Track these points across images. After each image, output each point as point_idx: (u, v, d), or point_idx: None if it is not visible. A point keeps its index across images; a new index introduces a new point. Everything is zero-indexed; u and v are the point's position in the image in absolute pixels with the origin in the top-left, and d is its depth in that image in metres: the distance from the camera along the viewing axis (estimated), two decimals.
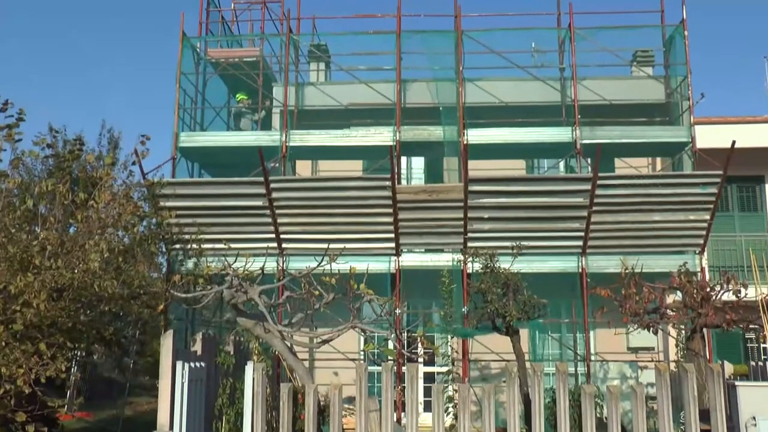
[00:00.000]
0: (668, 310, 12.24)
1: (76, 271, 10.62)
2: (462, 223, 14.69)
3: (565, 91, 16.90)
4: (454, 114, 16.03)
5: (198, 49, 17.61)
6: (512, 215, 14.73)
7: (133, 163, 13.49)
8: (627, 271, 12.39)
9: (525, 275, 12.78)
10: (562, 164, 17.87)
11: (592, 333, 16.38)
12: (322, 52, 18.56)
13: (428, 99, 16.90)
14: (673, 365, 13.35)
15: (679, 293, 12.70)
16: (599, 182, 14.28)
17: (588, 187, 14.33)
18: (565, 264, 15.11)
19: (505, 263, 12.95)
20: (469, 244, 14.63)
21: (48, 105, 50.42)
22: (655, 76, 17.45)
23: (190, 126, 17.22)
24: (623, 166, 17.68)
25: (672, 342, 15.11)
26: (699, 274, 14.58)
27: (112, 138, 17.93)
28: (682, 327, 13.13)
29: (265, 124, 17.83)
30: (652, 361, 15.13)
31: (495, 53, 16.47)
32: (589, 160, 15.46)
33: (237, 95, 18.14)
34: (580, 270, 14.98)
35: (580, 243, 14.93)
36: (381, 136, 16.01)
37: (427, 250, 15.62)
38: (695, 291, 12.08)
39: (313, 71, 19.20)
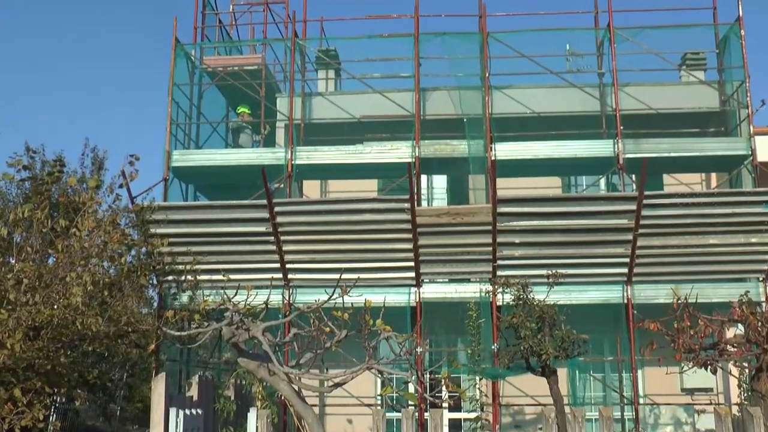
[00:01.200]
0: (728, 346, 12.05)
1: (55, 306, 10.64)
2: (490, 249, 14.63)
3: (605, 99, 16.85)
4: (480, 126, 16.01)
5: (192, 57, 17.75)
6: (547, 240, 14.65)
7: (120, 186, 13.56)
8: (679, 301, 12.24)
9: (562, 307, 12.68)
10: (602, 182, 17.78)
11: (640, 372, 16.18)
12: (331, 58, 18.65)
13: (451, 109, 16.91)
14: (735, 409, 13.13)
15: (740, 326, 12.51)
16: (646, 201, 14.18)
17: (633, 207, 14.24)
18: (608, 294, 14.99)
19: (539, 294, 12.86)
20: (499, 273, 14.57)
21: (28, 121, 50.98)
22: (707, 81, 17.38)
23: (184, 143, 17.31)
24: (673, 182, 17.57)
25: (733, 382, 14.88)
26: (763, 304, 14.39)
27: (96, 158, 18.01)
28: (746, 365, 12.92)
29: (268, 141, 17.88)
30: (711, 404, 14.90)
31: (525, 57, 16.46)
32: (633, 177, 15.37)
33: (237, 108, 18.24)
34: (626, 301, 14.85)
35: (625, 270, 14.81)
36: (398, 151, 16.01)
37: (452, 280, 15.56)
38: (759, 323, 11.90)
39: (321, 80, 19.29)
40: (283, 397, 11.74)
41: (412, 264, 14.91)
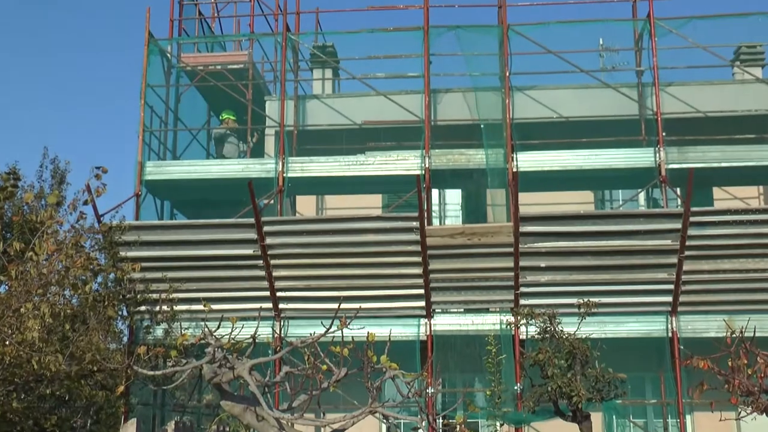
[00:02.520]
0: None
1: (7, 343, 10.58)
2: (512, 274, 14.60)
3: (644, 100, 16.83)
4: (500, 133, 16.00)
5: (169, 55, 17.80)
6: (578, 263, 14.61)
7: (85, 203, 13.53)
8: (734, 335, 12.13)
9: (596, 342, 12.57)
10: (642, 196, 17.74)
11: (688, 418, 16.05)
12: (328, 55, 18.68)
13: (466, 114, 16.92)
14: None
15: None
16: (692, 219, 14.12)
17: (678, 225, 14.18)
18: (650, 326, 14.93)
19: (569, 326, 12.76)
20: (522, 302, 14.53)
21: None
22: (765, 79, 17.35)
23: (159, 153, 17.33)
24: (725, 197, 17.48)
25: None
26: None
27: (57, 170, 17.99)
28: None
29: (257, 150, 17.90)
30: None
31: (551, 53, 16.46)
32: (678, 191, 15.30)
33: (221, 114, 18.26)
34: (670, 334, 14.78)
35: (669, 298, 14.74)
36: (405, 162, 15.99)
37: (467, 311, 15.52)
38: None
39: (317, 80, 19.32)
40: None
41: (421, 292, 14.87)
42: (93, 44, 56.75)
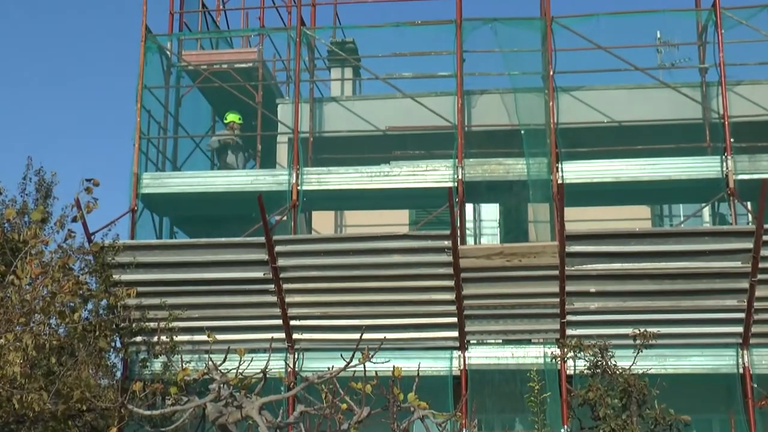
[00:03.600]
0: None
1: None
2: (557, 300, 14.50)
3: (708, 102, 16.73)
4: (543, 139, 15.95)
5: (168, 52, 17.87)
6: (633, 288, 14.51)
7: (74, 220, 13.55)
8: None
9: (655, 378, 12.47)
10: (707, 211, 17.62)
11: None
12: (348, 52, 18.70)
13: (504, 118, 16.89)
14: None
15: None
16: (766, 238, 13.97)
17: (749, 244, 14.05)
18: (717, 361, 14.78)
19: (624, 360, 12.68)
20: (569, 332, 14.44)
21: None
22: None
23: (158, 163, 17.38)
24: None
25: None
26: None
27: (42, 183, 18.01)
28: None
29: (267, 160, 17.90)
30: None
31: (601, 49, 16.40)
32: (748, 205, 15.15)
33: (226, 115, 18.27)
34: (741, 370, 14.60)
35: (740, 329, 14.59)
36: (436, 173, 15.95)
37: (507, 342, 15.44)
38: None
39: (335, 81, 19.34)
40: None
41: (454, 320, 14.79)
42: (82, 40, 56.98)
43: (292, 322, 15.07)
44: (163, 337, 14.34)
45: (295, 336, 15.16)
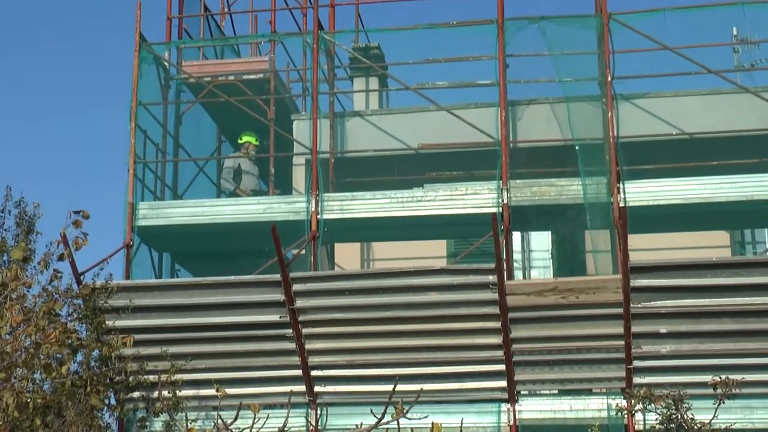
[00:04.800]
0: None
1: None
2: (622, 343, 14.34)
3: None
4: (601, 156, 15.92)
5: (166, 63, 17.94)
6: (711, 328, 14.33)
7: (60, 258, 13.55)
8: None
9: None
10: None
11: None
12: (373, 59, 18.68)
13: (555, 132, 16.88)
14: None
15: None
16: None
17: None
18: None
19: (702, 413, 12.56)
20: (636, 380, 14.31)
21: None
22: None
23: (156, 191, 17.44)
24: None
25: None
26: None
27: (23, 216, 18.02)
28: None
29: (282, 184, 17.90)
30: None
31: (668, 50, 16.33)
32: None
33: (241, 137, 18.25)
34: None
35: None
36: (477, 197, 15.92)
37: (563, 392, 15.29)
38: None
39: (359, 93, 19.33)
40: None
41: (502, 368, 14.68)
42: (68, 49, 57.31)
43: (314, 372, 15.00)
44: (165, 392, 14.28)
45: (317, 388, 15.09)
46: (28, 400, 11.53)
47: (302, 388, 14.95)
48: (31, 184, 52.19)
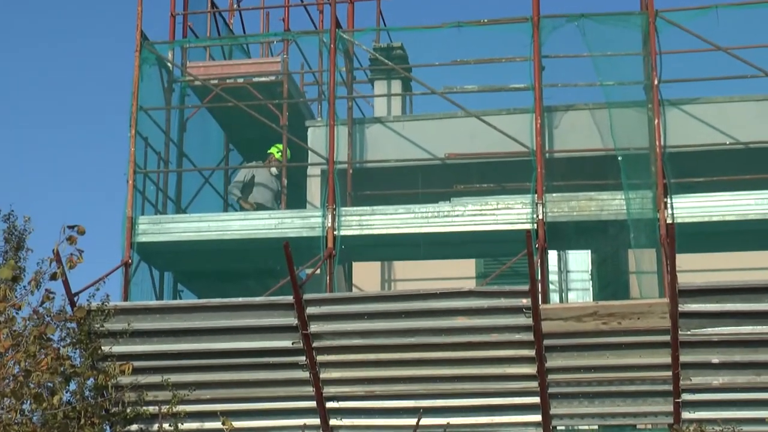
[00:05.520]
0: None
1: None
2: (669, 374, 14.29)
3: None
4: (646, 167, 15.90)
5: (169, 64, 17.99)
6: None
7: (53, 277, 13.57)
8: None
9: None
10: None
11: None
12: (396, 60, 18.72)
13: (595, 141, 16.89)
14: None
15: None
16: None
17: None
18: None
19: None
20: (686, 415, 14.26)
21: None
22: None
23: (157, 204, 17.49)
24: None
25: None
26: None
27: (12, 231, 18.05)
28: None
29: (295, 197, 17.90)
30: None
31: (721, 51, 16.29)
32: None
33: (272, 148, 18.25)
34: None
35: None
36: (509, 212, 15.92)
37: (604, 428, 15.33)
38: None
39: (379, 98, 19.33)
40: None
41: (536, 400, 14.64)
42: (62, 49, 57.51)
43: (329, 404, 14.98)
44: (166, 425, 14.29)
45: (333, 422, 15.05)
46: None
47: (316, 421, 14.94)
48: (21, 196, 52.17)
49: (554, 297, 17.99)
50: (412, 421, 10.72)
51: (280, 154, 18.08)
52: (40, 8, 54.54)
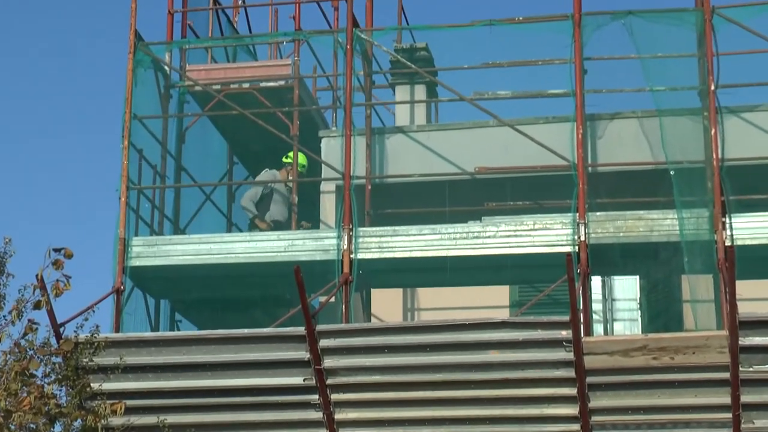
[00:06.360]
0: None
1: None
2: (729, 416, 14.27)
3: None
4: (702, 183, 15.90)
5: (167, 67, 18.02)
6: None
7: (37, 306, 13.61)
8: None
9: None
10: None
11: None
12: (420, 63, 18.73)
13: (643, 153, 16.93)
14: None
15: None
16: None
17: None
18: None
19: None
20: None
21: None
22: None
23: (153, 224, 17.53)
24: None
25: None
26: None
27: None
28: None
29: (307, 216, 17.92)
30: None
31: None
32: None
33: (286, 157, 18.24)
34: None
35: None
36: (547, 233, 15.91)
37: None
38: None
39: (401, 105, 19.34)
40: None
41: None
42: (44, 48, 57.69)
43: None
44: None
45: None
46: None
47: None
48: (0, 215, 52.38)
49: (598, 328, 17.98)
50: None
51: (301, 163, 18.00)
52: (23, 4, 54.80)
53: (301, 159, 18.01)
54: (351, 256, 15.97)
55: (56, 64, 54.44)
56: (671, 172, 16.06)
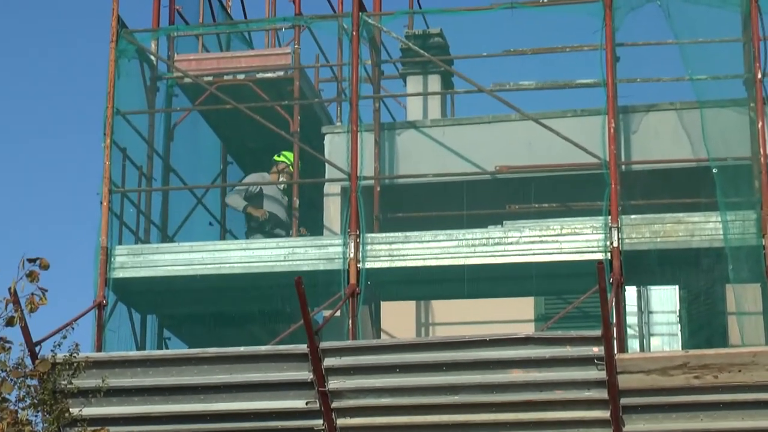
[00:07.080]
0: None
1: None
2: None
3: None
4: (748, 182, 15.88)
5: (154, 57, 18.01)
6: None
7: (10, 323, 13.60)
8: None
9: None
10: None
11: None
12: (433, 50, 18.74)
13: (684, 150, 16.91)
14: None
15: None
16: None
17: None
18: None
19: None
20: None
21: None
22: None
23: (138, 231, 17.52)
24: None
25: None
26: None
27: None
28: None
29: (310, 221, 17.89)
30: None
31: None
32: None
33: (278, 156, 18.27)
34: None
35: None
36: (576, 238, 15.93)
37: None
38: None
39: (413, 97, 19.31)
40: None
41: None
42: (48, 48, 58.03)
43: None
44: None
45: None
46: None
47: None
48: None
49: (633, 344, 17.94)
50: None
51: (290, 160, 17.99)
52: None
53: (291, 156, 18.02)
54: (358, 265, 15.98)
55: (56, 64, 54.80)
56: (714, 170, 16.04)
